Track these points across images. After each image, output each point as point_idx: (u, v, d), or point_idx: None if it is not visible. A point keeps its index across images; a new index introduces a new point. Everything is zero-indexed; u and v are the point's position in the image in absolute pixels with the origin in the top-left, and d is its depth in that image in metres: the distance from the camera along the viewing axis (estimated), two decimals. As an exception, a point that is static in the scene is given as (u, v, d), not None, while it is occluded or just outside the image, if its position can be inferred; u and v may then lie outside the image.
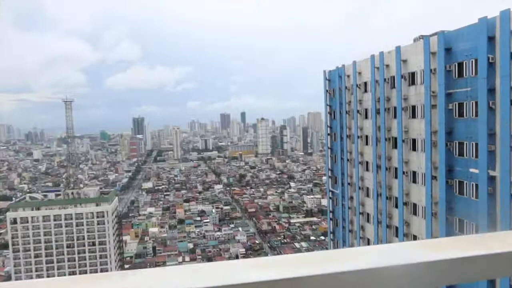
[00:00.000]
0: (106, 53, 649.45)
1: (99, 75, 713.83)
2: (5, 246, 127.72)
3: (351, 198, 45.01)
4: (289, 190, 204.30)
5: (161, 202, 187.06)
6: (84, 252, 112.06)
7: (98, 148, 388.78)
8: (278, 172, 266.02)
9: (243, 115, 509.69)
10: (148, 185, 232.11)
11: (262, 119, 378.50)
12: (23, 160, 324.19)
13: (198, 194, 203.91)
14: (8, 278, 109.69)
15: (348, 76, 43.63)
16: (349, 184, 45.27)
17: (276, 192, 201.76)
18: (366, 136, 41.13)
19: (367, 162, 41.35)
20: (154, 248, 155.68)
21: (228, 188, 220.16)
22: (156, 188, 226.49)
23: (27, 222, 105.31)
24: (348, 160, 44.90)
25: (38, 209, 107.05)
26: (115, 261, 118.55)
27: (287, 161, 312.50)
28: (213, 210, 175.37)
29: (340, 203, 47.58)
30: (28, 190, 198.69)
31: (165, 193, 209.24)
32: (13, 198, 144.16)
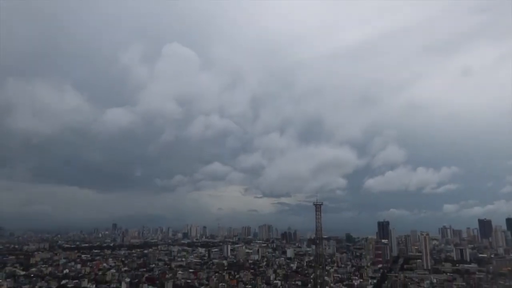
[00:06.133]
0: (370, 158, 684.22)
1: (358, 179, 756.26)
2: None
3: None
4: None
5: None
6: None
7: (344, 251, 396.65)
8: None
9: (508, 221, 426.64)
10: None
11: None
12: (278, 257, 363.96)
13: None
14: None
15: None
16: None
17: None
18: None
19: None
20: None
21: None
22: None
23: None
24: None
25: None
26: None
27: None
28: None
29: None
30: (280, 286, 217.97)
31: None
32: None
